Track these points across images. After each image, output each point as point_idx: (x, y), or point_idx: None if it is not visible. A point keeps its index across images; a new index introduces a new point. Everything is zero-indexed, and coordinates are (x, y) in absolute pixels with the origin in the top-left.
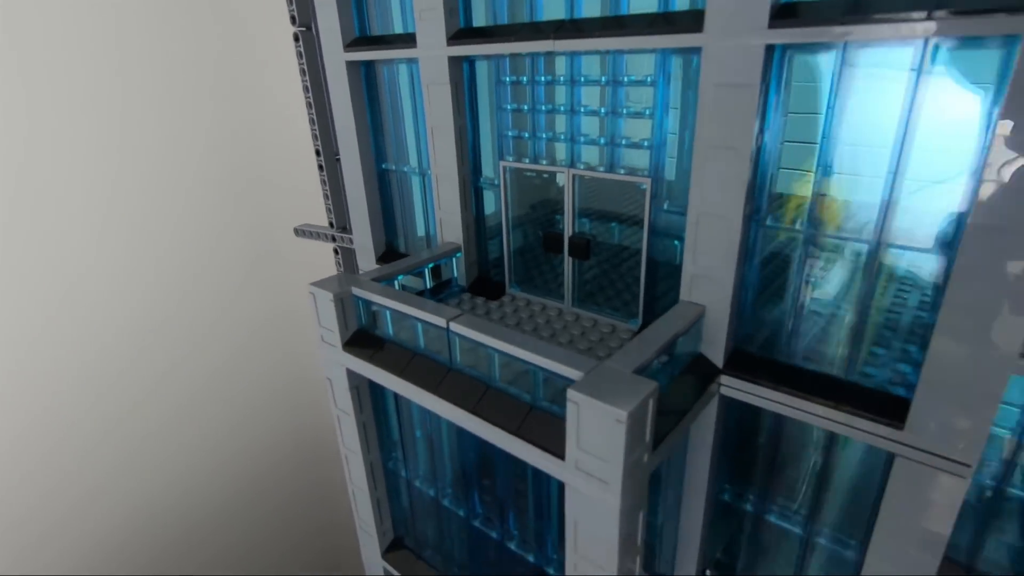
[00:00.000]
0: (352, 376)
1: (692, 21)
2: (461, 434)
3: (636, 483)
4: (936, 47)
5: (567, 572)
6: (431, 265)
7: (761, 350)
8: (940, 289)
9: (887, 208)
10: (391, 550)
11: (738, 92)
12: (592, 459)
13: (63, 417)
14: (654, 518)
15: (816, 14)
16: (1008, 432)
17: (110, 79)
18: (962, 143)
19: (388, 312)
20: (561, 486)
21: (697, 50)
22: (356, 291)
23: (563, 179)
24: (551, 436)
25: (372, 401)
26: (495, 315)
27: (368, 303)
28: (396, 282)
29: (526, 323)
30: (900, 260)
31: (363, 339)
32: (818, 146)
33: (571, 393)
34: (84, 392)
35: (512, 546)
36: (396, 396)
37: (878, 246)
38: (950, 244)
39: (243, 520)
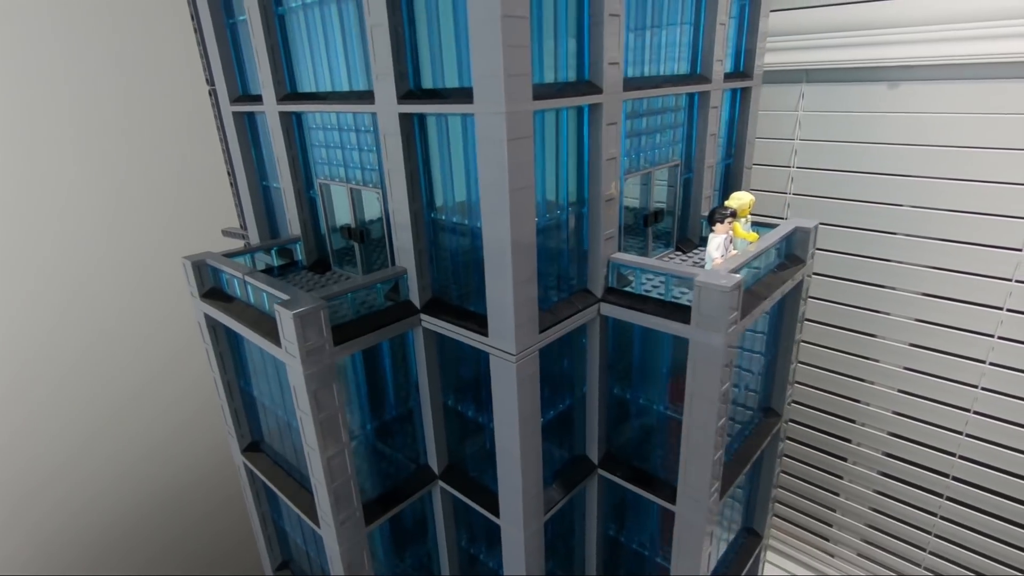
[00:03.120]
0: (208, 318)
1: (371, 97)
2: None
3: (319, 359)
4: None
5: (299, 425)
6: (276, 249)
7: (447, 297)
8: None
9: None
10: (248, 450)
11: (392, 137)
12: (290, 344)
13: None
14: (391, 415)
15: (432, 97)
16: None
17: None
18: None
19: (223, 274)
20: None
21: (375, 113)
22: (208, 260)
23: (345, 191)
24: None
25: (228, 339)
26: (316, 281)
27: (215, 269)
28: (248, 258)
29: (331, 285)
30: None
31: (214, 293)
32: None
33: (276, 307)
34: (24, 399)
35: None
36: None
37: (473, 228)
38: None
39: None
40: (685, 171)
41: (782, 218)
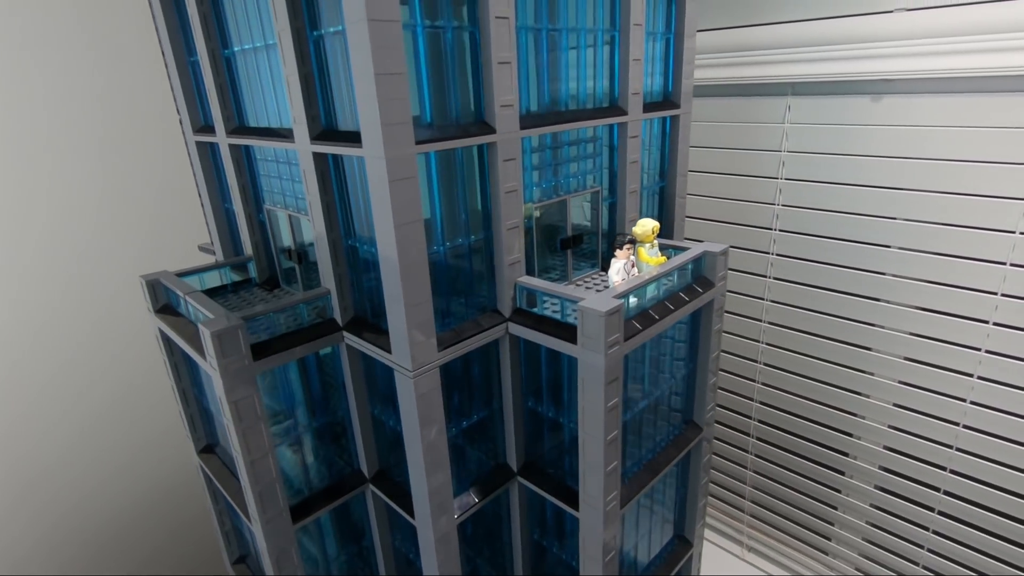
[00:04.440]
0: (161, 332)
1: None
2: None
3: (238, 373)
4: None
5: (226, 431)
6: (228, 267)
7: (366, 316)
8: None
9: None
10: (202, 452)
11: (309, 173)
12: (211, 359)
13: None
14: (322, 421)
15: (344, 138)
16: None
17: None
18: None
19: (173, 293)
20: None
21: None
22: (161, 279)
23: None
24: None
25: (181, 350)
26: (262, 298)
27: (167, 287)
28: (199, 276)
29: (273, 302)
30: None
31: (166, 309)
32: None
33: (200, 325)
34: (16, 398)
35: None
36: None
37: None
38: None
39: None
40: (609, 196)
41: (770, 228)
